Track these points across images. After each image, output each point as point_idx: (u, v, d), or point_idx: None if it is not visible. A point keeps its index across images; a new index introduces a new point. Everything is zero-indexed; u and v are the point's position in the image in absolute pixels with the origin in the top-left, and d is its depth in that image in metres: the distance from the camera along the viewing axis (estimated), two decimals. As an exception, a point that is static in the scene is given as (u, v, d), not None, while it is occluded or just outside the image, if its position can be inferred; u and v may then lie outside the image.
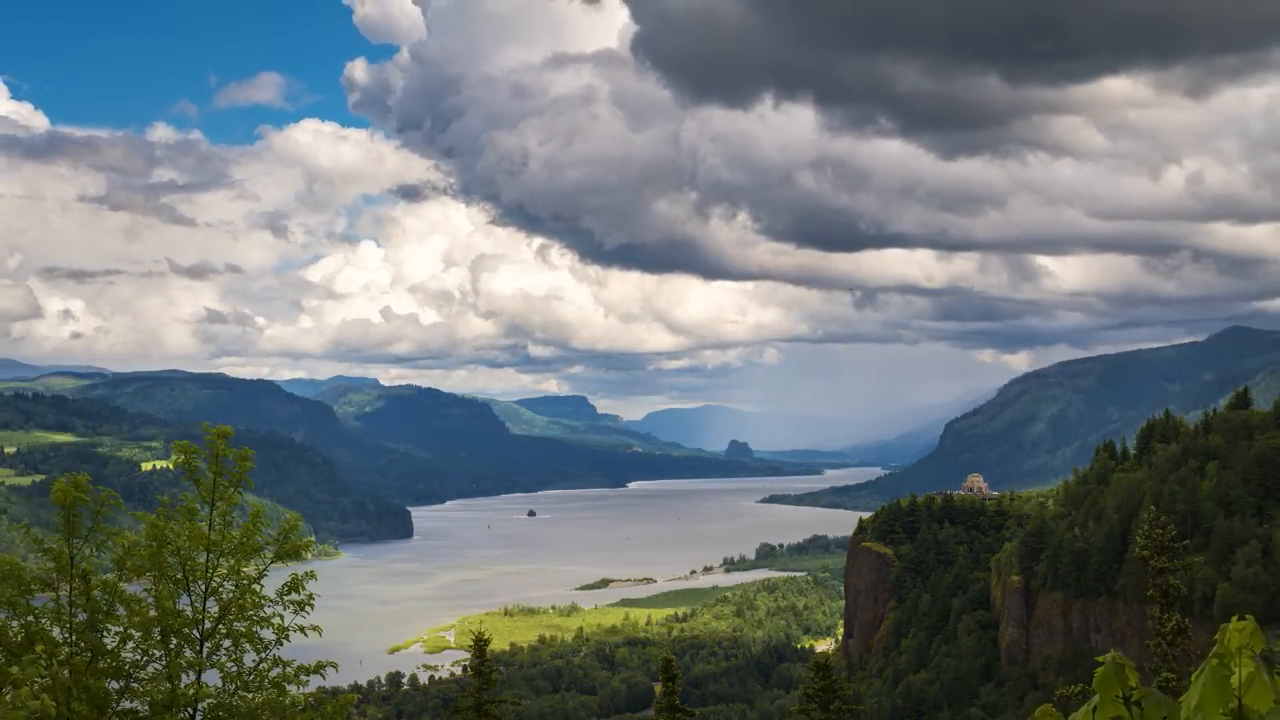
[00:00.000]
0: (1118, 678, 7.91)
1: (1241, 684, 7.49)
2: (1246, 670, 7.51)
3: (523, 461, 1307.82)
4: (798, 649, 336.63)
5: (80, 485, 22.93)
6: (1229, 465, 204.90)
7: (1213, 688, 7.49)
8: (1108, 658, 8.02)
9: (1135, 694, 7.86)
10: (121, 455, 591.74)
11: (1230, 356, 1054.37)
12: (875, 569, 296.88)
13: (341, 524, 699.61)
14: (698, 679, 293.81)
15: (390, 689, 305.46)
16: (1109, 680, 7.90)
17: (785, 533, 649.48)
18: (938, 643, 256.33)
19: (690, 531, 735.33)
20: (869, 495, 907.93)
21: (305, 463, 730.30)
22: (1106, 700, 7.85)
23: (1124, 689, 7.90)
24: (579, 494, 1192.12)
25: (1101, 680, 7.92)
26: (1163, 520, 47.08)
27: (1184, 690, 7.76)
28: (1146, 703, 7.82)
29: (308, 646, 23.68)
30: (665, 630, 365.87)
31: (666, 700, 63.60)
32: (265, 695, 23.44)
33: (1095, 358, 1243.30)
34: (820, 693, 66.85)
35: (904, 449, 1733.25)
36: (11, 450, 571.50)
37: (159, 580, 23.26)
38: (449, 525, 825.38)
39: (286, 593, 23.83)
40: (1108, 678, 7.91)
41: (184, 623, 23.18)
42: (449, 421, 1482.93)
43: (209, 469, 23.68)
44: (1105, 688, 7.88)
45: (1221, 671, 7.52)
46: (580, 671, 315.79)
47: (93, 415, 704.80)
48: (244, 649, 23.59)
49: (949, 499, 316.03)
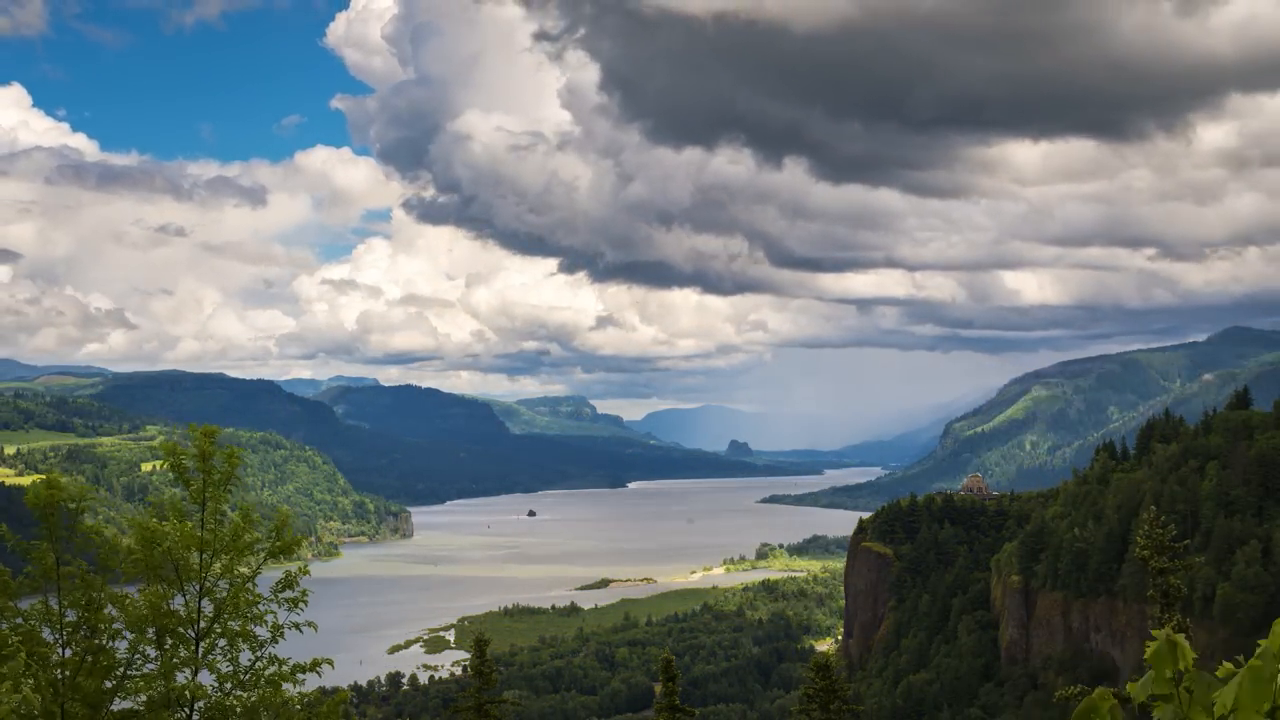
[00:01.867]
0: (1170, 657, 7.65)
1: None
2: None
3: (523, 461, 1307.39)
4: (798, 649, 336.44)
5: (55, 484, 22.79)
6: (1229, 465, 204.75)
7: (1250, 687, 7.26)
8: (1162, 633, 7.74)
9: (1186, 679, 7.61)
10: (121, 455, 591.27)
11: (1230, 356, 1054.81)
12: (875, 569, 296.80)
13: (341, 524, 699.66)
14: (698, 679, 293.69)
15: (390, 689, 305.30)
16: (1162, 659, 7.64)
17: (785, 533, 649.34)
18: (938, 643, 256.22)
19: (692, 531, 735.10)
20: (869, 495, 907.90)
21: (305, 463, 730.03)
22: (1159, 680, 7.59)
23: (1176, 670, 7.65)
24: (579, 494, 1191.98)
25: (1155, 657, 7.65)
26: (1163, 520, 46.90)
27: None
28: (1197, 687, 7.59)
29: (305, 645, 23.57)
30: (665, 630, 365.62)
31: (667, 700, 63.49)
32: (261, 693, 23.35)
33: (1095, 358, 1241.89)
34: (820, 693, 66.72)
35: (904, 449, 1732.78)
36: (11, 450, 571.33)
37: (151, 580, 23.16)
38: (449, 525, 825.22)
39: (281, 590, 23.73)
40: (1160, 656, 7.64)
41: (178, 622, 23.08)
42: (449, 421, 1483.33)
43: (198, 468, 23.55)
44: (1158, 666, 7.61)
45: (1262, 672, 7.29)
46: (580, 672, 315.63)
47: (93, 415, 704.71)
48: (239, 647, 23.50)
49: (949, 499, 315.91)
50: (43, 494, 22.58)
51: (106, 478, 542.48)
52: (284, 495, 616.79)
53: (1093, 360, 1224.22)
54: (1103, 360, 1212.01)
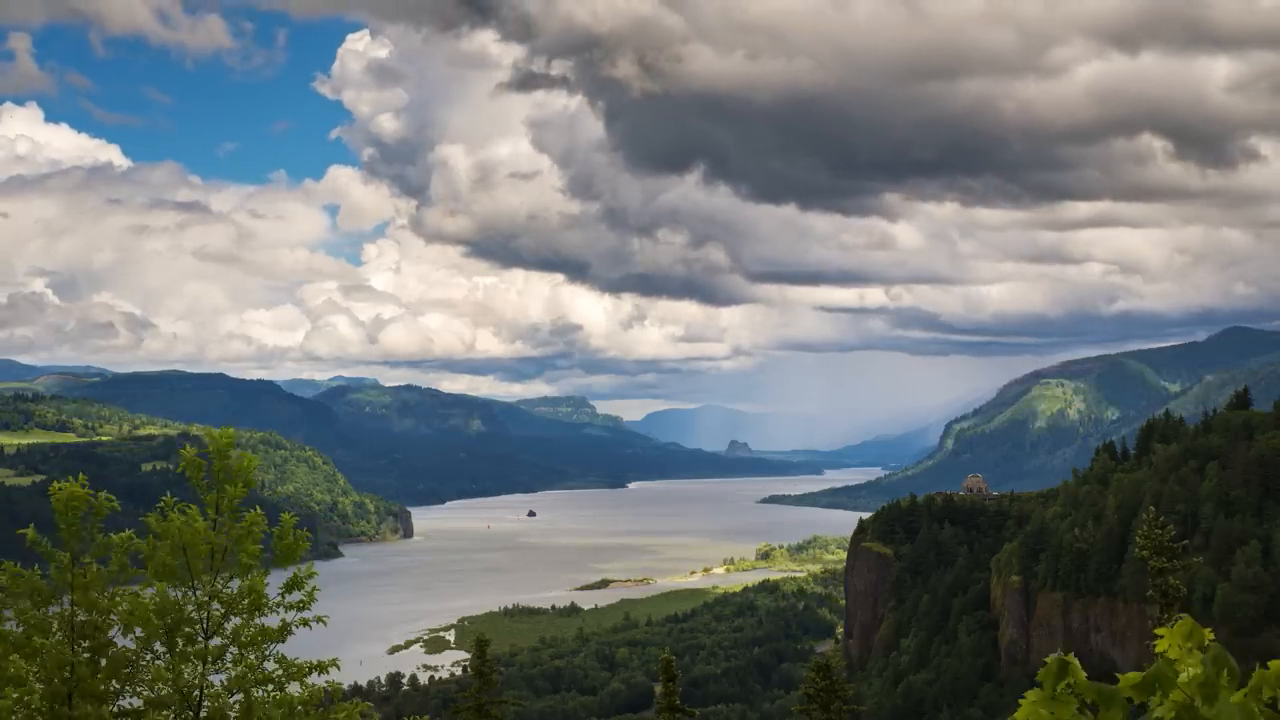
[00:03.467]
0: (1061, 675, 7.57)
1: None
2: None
3: (523, 461, 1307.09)
4: (798, 649, 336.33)
5: (77, 489, 22.97)
6: (1229, 465, 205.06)
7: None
8: (1054, 657, 7.68)
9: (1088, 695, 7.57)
10: (121, 456, 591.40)
11: (1230, 356, 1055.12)
12: (875, 569, 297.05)
13: (341, 524, 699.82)
14: (698, 679, 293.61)
15: (390, 689, 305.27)
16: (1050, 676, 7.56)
17: (785, 533, 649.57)
18: (938, 643, 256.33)
19: (695, 531, 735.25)
20: (869, 495, 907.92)
21: (305, 463, 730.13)
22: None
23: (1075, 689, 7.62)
24: (579, 494, 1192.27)
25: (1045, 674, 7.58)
26: (1163, 521, 47.11)
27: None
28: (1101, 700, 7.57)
29: (310, 645, 23.74)
30: (665, 630, 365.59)
31: (667, 700, 63.70)
32: (268, 693, 23.50)
33: (1095, 358, 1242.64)
34: (821, 693, 66.94)
35: (904, 449, 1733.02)
36: (12, 450, 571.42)
37: (161, 580, 23.33)
38: (449, 525, 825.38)
39: (288, 590, 23.89)
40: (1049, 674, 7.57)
41: (188, 622, 23.24)
42: (449, 421, 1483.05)
43: (213, 470, 23.70)
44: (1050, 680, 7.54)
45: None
46: (580, 672, 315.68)
47: (93, 415, 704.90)
48: (247, 647, 23.66)
49: (949, 499, 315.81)
50: (66, 497, 22.77)
51: (106, 478, 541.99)
52: (284, 495, 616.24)
53: (1093, 360, 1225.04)
54: (1103, 360, 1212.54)
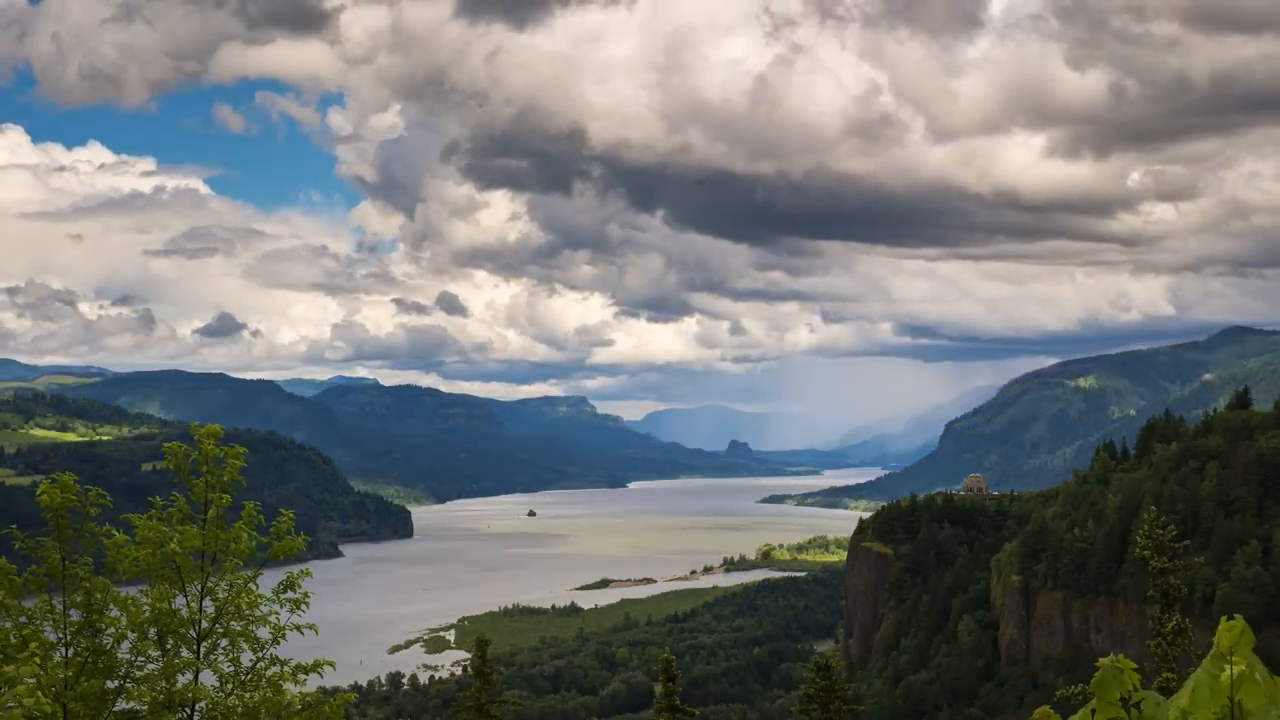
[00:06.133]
0: (1116, 681, 7.81)
1: (1234, 683, 7.39)
2: (1238, 669, 7.43)
3: (523, 461, 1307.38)
4: (798, 649, 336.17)
5: (66, 486, 22.79)
6: (1229, 465, 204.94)
7: (1205, 689, 7.40)
8: (1107, 660, 7.90)
9: (1135, 696, 7.75)
10: (121, 456, 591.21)
11: (1230, 356, 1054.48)
12: (875, 569, 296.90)
13: (341, 524, 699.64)
14: (698, 679, 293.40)
15: (390, 689, 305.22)
16: (1108, 684, 7.80)
17: (785, 533, 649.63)
18: (938, 643, 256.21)
19: (695, 530, 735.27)
20: (869, 495, 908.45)
21: (305, 463, 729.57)
22: (1106, 704, 7.75)
23: (1124, 692, 7.79)
24: (579, 494, 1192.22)
25: (1099, 684, 7.81)
26: (1163, 520, 46.93)
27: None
28: (1146, 704, 7.72)
29: (306, 646, 23.57)
30: (665, 630, 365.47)
31: (667, 700, 63.53)
32: (262, 694, 23.33)
33: (1095, 358, 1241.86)
34: (821, 693, 66.77)
35: (904, 449, 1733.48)
36: (11, 450, 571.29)
37: (154, 581, 23.15)
38: (449, 525, 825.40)
39: (282, 591, 23.73)
40: (1106, 681, 7.81)
41: (180, 623, 23.06)
42: (449, 421, 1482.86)
43: (201, 469, 23.54)
44: (1104, 691, 7.78)
45: (1214, 672, 7.44)
46: (580, 672, 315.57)
47: (93, 415, 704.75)
48: (241, 648, 23.49)
49: (949, 499, 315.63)
50: (54, 495, 22.58)
51: (106, 478, 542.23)
52: (284, 495, 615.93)
53: (1093, 360, 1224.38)
54: (1103, 360, 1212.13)
